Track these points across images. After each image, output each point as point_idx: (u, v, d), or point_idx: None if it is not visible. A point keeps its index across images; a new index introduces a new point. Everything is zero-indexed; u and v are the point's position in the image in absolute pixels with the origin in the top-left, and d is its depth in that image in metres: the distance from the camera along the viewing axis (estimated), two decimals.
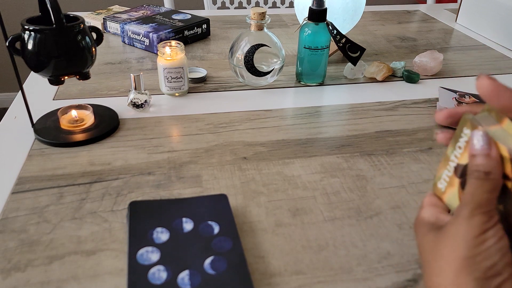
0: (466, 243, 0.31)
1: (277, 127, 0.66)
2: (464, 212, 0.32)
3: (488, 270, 0.30)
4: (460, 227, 0.32)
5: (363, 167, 0.57)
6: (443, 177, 0.35)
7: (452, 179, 0.35)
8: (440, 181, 0.36)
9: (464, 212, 0.32)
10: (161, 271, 0.39)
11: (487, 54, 0.98)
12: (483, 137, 0.31)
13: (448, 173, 0.35)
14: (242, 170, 0.56)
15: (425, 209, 0.37)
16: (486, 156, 0.31)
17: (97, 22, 1.02)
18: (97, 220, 0.47)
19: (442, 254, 0.32)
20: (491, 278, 0.30)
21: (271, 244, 0.45)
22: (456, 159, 0.34)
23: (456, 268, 0.31)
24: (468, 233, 0.31)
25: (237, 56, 0.75)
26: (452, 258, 0.31)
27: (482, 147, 0.31)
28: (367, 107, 0.73)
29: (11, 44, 0.55)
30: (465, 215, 0.31)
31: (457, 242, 0.31)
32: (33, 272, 0.41)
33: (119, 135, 0.62)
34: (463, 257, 0.31)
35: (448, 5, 1.39)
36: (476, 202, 0.31)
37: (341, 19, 0.87)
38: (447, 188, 0.35)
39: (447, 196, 0.35)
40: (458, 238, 0.32)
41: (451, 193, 0.35)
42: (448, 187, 0.35)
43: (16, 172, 0.54)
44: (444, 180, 0.35)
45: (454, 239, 0.32)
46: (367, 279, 0.42)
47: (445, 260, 0.32)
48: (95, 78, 0.80)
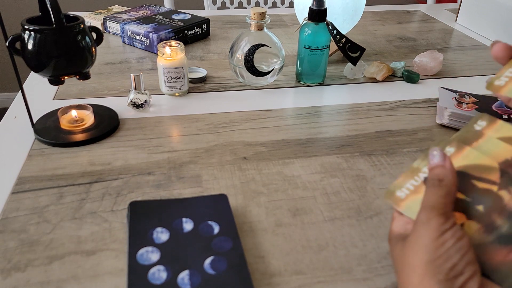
0: (426, 247, 0.32)
1: (277, 127, 0.66)
2: (422, 216, 0.34)
3: (449, 271, 0.31)
4: (420, 232, 0.33)
5: (363, 167, 0.57)
6: (406, 186, 0.39)
7: (419, 187, 0.38)
8: (400, 190, 0.39)
9: (421, 216, 0.34)
10: (161, 271, 0.39)
11: (487, 54, 0.98)
12: (439, 152, 0.37)
13: (415, 183, 0.38)
14: (242, 170, 0.56)
15: (395, 222, 0.39)
16: (441, 167, 0.36)
17: (97, 22, 1.02)
18: (97, 220, 0.47)
19: (408, 262, 0.33)
20: (453, 279, 0.31)
21: (271, 244, 0.45)
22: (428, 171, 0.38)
23: (420, 273, 0.32)
24: (427, 237, 0.33)
25: (237, 56, 0.75)
26: (415, 264, 0.33)
27: (438, 161, 0.36)
28: (367, 107, 0.73)
29: (11, 44, 0.55)
30: (423, 219, 0.34)
31: (419, 248, 0.33)
32: (33, 272, 0.41)
33: (119, 135, 0.62)
34: (425, 262, 0.32)
35: (448, 5, 1.39)
36: (431, 205, 0.34)
37: (341, 19, 0.87)
38: (409, 195, 0.38)
39: (406, 203, 0.38)
40: (419, 243, 0.33)
41: (414, 200, 0.38)
42: (411, 195, 0.38)
43: (16, 172, 0.54)
44: (407, 189, 0.39)
45: (416, 245, 0.33)
46: (367, 279, 0.42)
47: (410, 267, 0.33)
48: (95, 78, 0.80)
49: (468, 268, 0.31)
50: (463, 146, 0.38)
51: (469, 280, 0.31)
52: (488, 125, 0.38)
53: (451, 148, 0.39)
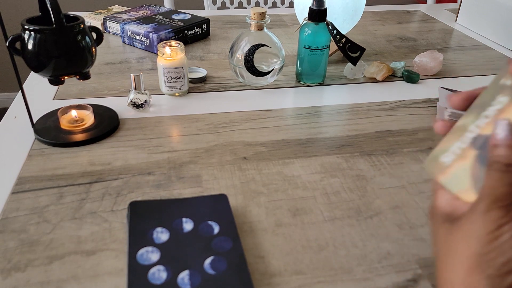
0: (479, 239, 0.29)
1: (277, 127, 0.66)
2: (481, 206, 0.30)
3: (502, 267, 0.29)
4: (475, 222, 0.30)
5: (363, 167, 0.57)
6: (452, 150, 0.32)
7: (467, 151, 0.31)
8: (445, 154, 0.32)
9: (480, 206, 0.30)
10: (161, 271, 0.39)
11: (487, 54, 0.98)
12: (508, 126, 0.29)
13: (461, 145, 0.31)
14: (242, 170, 0.56)
15: (440, 195, 0.34)
16: (509, 147, 0.29)
17: (97, 22, 1.02)
18: (97, 220, 0.47)
19: (455, 250, 0.31)
20: (505, 275, 0.29)
21: (271, 244, 0.45)
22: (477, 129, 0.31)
23: (468, 266, 0.30)
24: (483, 229, 0.29)
25: (237, 56, 0.75)
26: (464, 255, 0.30)
27: (506, 137, 0.29)
28: (367, 107, 0.73)
29: (11, 44, 0.55)
30: (482, 210, 0.30)
31: (471, 239, 0.30)
32: (33, 272, 0.41)
33: (119, 135, 0.62)
34: (476, 254, 0.29)
35: (448, 5, 1.39)
36: (495, 195, 0.30)
37: (341, 19, 0.87)
38: (454, 162, 0.32)
39: (451, 171, 0.32)
40: (472, 234, 0.30)
41: (459, 167, 0.31)
42: (456, 161, 0.32)
43: (16, 172, 0.54)
44: (453, 153, 0.32)
45: (468, 235, 0.30)
46: (367, 279, 0.42)
47: (457, 256, 0.31)
48: (95, 78, 0.80)
49: None
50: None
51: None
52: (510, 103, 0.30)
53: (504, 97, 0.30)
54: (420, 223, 0.49)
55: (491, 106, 0.30)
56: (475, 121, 0.31)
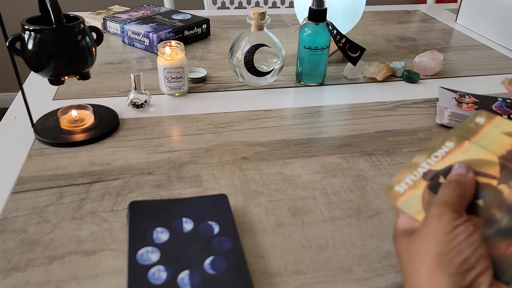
0: (437, 240, 0.32)
1: (277, 127, 0.66)
2: (434, 210, 0.34)
3: (461, 265, 0.31)
4: (432, 226, 0.33)
5: (363, 167, 0.57)
6: (405, 181, 0.39)
7: (418, 182, 0.39)
8: (399, 185, 0.40)
9: (433, 210, 0.34)
10: (161, 271, 0.39)
11: (487, 54, 0.98)
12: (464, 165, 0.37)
13: (414, 178, 0.39)
14: (242, 170, 0.56)
15: (400, 218, 0.39)
16: (463, 175, 0.36)
17: (97, 22, 1.02)
18: (97, 220, 0.47)
19: (416, 254, 0.33)
20: (465, 272, 0.31)
21: (271, 244, 0.45)
22: (428, 166, 0.39)
23: (431, 266, 0.32)
24: (439, 230, 0.32)
25: (237, 56, 0.75)
26: (425, 257, 0.32)
27: (462, 170, 0.36)
28: (367, 107, 0.73)
29: (11, 44, 0.55)
30: (435, 213, 0.33)
31: (429, 241, 0.33)
32: (33, 272, 0.41)
33: (119, 135, 0.62)
34: (436, 255, 0.32)
35: (448, 5, 1.39)
36: (446, 201, 0.34)
37: (341, 19, 0.87)
38: (407, 190, 0.39)
39: (405, 198, 0.39)
40: (430, 236, 0.33)
41: (412, 194, 0.38)
42: (409, 190, 0.39)
43: (16, 172, 0.54)
44: (406, 184, 0.39)
45: (426, 238, 0.33)
46: (367, 279, 0.42)
47: (419, 260, 0.33)
48: (95, 78, 0.80)
49: (480, 262, 0.31)
50: (462, 140, 0.38)
51: (481, 274, 0.31)
52: (487, 121, 0.38)
53: (451, 143, 0.39)
54: None
55: (441, 148, 0.39)
56: (426, 159, 0.39)
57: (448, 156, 0.39)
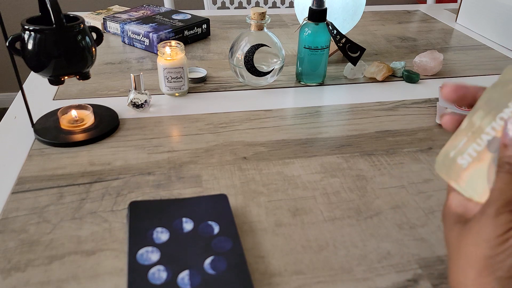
0: (488, 242, 0.30)
1: (277, 127, 0.66)
2: (491, 210, 0.30)
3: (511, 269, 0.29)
4: (484, 226, 0.30)
5: (363, 167, 0.57)
6: (468, 152, 0.31)
7: (482, 154, 0.30)
8: (462, 156, 0.31)
9: (490, 210, 0.30)
10: (161, 271, 0.39)
11: (487, 54, 0.98)
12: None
13: (478, 147, 0.31)
14: (242, 170, 0.56)
15: (453, 196, 0.34)
16: None
17: (97, 22, 1.02)
18: (97, 220, 0.47)
19: (465, 253, 0.31)
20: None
21: (271, 244, 0.45)
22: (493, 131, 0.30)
23: (478, 268, 0.30)
24: (492, 232, 0.30)
25: (237, 56, 0.75)
26: (474, 257, 0.30)
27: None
28: (367, 107, 0.73)
29: (11, 44, 0.55)
30: (491, 214, 0.30)
31: (480, 241, 0.30)
32: (33, 272, 0.41)
33: (119, 135, 0.62)
34: (485, 257, 0.30)
35: (448, 5, 1.39)
36: (504, 199, 0.29)
37: (341, 19, 0.87)
38: (471, 164, 0.31)
39: (468, 174, 0.31)
40: (481, 237, 0.30)
41: (476, 170, 0.31)
42: (473, 164, 0.31)
43: (16, 172, 0.54)
44: (469, 155, 0.31)
45: (477, 238, 0.30)
46: (367, 279, 0.42)
47: (467, 259, 0.31)
48: (95, 78, 0.80)
49: None
50: None
51: None
52: None
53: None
54: (420, 223, 0.49)
55: (507, 108, 0.30)
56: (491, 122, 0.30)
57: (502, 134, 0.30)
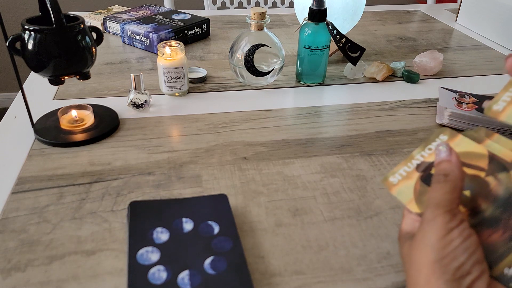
0: (432, 246, 0.32)
1: (277, 127, 0.66)
2: (427, 215, 0.33)
3: (456, 271, 0.30)
4: (425, 231, 0.33)
5: (363, 167, 0.57)
6: (399, 172, 0.40)
7: (411, 173, 0.40)
8: (393, 176, 0.40)
9: (427, 215, 0.33)
10: (161, 271, 0.39)
11: (487, 54, 0.98)
12: (445, 147, 0.37)
13: (407, 169, 0.40)
14: (242, 170, 0.56)
15: (404, 220, 0.39)
16: (447, 161, 0.36)
17: (97, 22, 1.02)
18: (97, 220, 0.47)
19: (414, 262, 0.33)
20: (460, 278, 0.30)
21: (271, 244, 0.45)
22: (422, 158, 0.40)
23: (426, 273, 0.31)
24: (433, 235, 0.32)
25: (237, 56, 0.75)
26: (422, 265, 0.32)
27: (444, 155, 0.36)
28: (367, 107, 0.73)
29: (11, 44, 0.55)
30: (429, 218, 0.33)
31: (424, 246, 0.32)
32: (33, 272, 0.41)
33: (119, 135, 0.62)
34: (431, 261, 0.31)
35: (448, 5, 1.39)
36: (437, 202, 0.33)
37: (341, 19, 0.87)
38: (400, 181, 0.40)
39: (398, 188, 0.40)
40: (425, 242, 0.32)
41: (405, 185, 0.39)
42: (402, 180, 0.40)
43: (16, 172, 0.54)
44: (400, 175, 0.40)
45: (421, 243, 0.33)
46: (367, 279, 0.42)
47: (416, 267, 0.32)
48: (95, 78, 0.80)
49: (476, 267, 0.31)
50: (456, 134, 0.39)
51: (477, 279, 0.30)
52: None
53: (445, 136, 0.40)
54: None
55: (435, 141, 0.40)
56: (420, 152, 0.40)
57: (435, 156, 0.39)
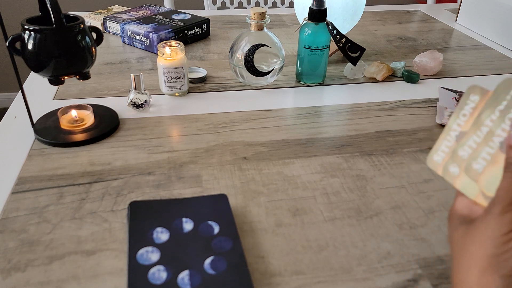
0: (493, 241, 0.30)
1: (277, 127, 0.66)
2: (496, 209, 0.30)
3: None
4: (489, 224, 0.31)
5: (363, 167, 0.57)
6: (482, 156, 0.31)
7: (496, 156, 0.31)
8: (476, 161, 0.31)
9: (495, 209, 0.30)
10: (161, 271, 0.39)
11: (487, 54, 0.98)
12: None
13: (491, 150, 0.31)
14: (242, 170, 0.56)
15: (459, 199, 0.35)
16: None
17: (97, 22, 1.02)
18: (97, 220, 0.47)
19: (470, 251, 0.31)
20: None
21: (271, 244, 0.45)
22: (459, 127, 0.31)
23: (482, 267, 0.30)
24: (497, 231, 0.30)
25: (237, 56, 0.75)
26: (478, 256, 0.31)
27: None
28: (367, 107, 0.73)
29: (11, 44, 0.55)
30: (496, 212, 0.30)
31: (485, 240, 0.30)
32: (33, 272, 0.41)
33: (119, 135, 0.62)
34: (490, 255, 0.30)
35: (448, 5, 1.39)
36: (510, 198, 0.30)
37: (341, 19, 0.87)
38: (487, 168, 0.32)
39: (486, 177, 0.32)
40: (486, 235, 0.30)
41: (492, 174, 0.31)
42: (488, 167, 0.31)
43: (16, 172, 0.54)
44: (484, 159, 0.31)
45: (482, 236, 0.31)
46: (367, 279, 0.42)
47: (472, 257, 0.31)
48: (95, 78, 0.80)
49: None
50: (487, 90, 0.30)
51: None
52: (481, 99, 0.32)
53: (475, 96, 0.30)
54: (420, 223, 0.49)
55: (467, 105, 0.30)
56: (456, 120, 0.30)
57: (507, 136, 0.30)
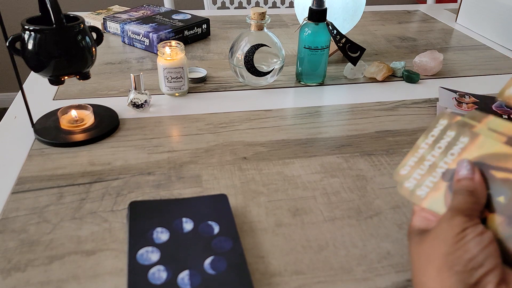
0: (447, 241, 0.33)
1: (277, 127, 0.66)
2: (447, 214, 0.34)
3: (468, 263, 0.31)
4: (443, 227, 0.34)
5: (363, 167, 0.57)
6: (426, 184, 0.38)
7: (438, 184, 0.37)
8: (420, 188, 0.38)
9: (447, 214, 0.34)
10: (161, 271, 0.39)
11: (487, 54, 0.98)
12: (468, 164, 0.36)
13: (434, 179, 0.38)
14: (242, 170, 0.56)
15: (416, 216, 0.39)
16: (469, 179, 0.35)
17: (97, 22, 1.02)
18: (97, 220, 0.47)
19: (426, 253, 0.34)
20: (472, 270, 0.31)
21: (271, 244, 0.45)
22: (426, 145, 0.38)
23: (438, 264, 0.32)
24: (449, 232, 0.33)
25: (237, 56, 0.75)
26: (435, 256, 0.33)
27: (467, 173, 0.36)
28: (367, 107, 0.73)
29: (11, 44, 0.55)
30: (448, 217, 0.34)
31: (439, 241, 0.33)
32: (33, 272, 0.41)
33: (119, 135, 0.62)
34: (444, 254, 0.32)
35: (448, 5, 1.39)
36: (459, 207, 0.34)
37: (341, 19, 0.87)
38: (429, 193, 0.38)
39: (428, 202, 0.38)
40: (441, 237, 0.33)
41: (435, 198, 0.37)
42: (431, 192, 0.38)
43: (16, 172, 0.54)
44: (427, 187, 0.38)
45: (437, 238, 0.34)
46: (367, 279, 0.42)
47: (429, 258, 0.33)
48: (95, 78, 0.80)
49: (489, 260, 0.31)
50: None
51: (489, 272, 0.31)
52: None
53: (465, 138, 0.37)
54: None
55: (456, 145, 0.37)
56: (424, 140, 0.38)
57: (464, 153, 0.37)
